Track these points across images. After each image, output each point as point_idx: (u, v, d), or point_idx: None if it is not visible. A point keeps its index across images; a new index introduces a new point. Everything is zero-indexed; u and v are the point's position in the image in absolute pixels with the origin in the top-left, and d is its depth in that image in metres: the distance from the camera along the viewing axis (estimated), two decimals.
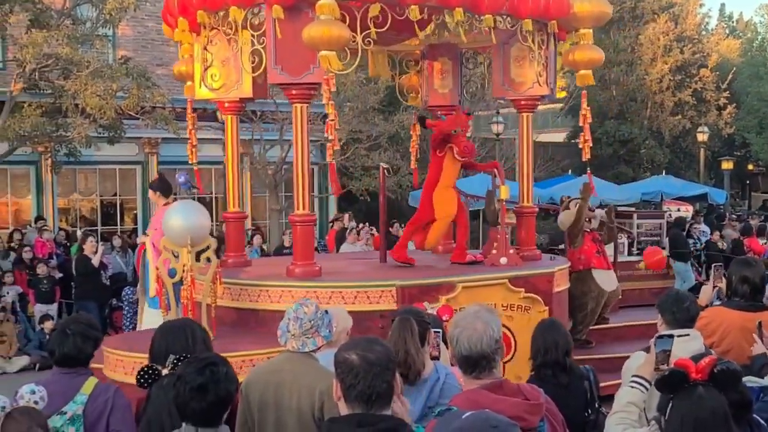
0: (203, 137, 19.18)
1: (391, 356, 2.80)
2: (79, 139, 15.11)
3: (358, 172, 20.42)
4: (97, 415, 3.88)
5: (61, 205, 20.14)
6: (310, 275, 7.23)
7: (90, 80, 14.01)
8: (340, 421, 2.70)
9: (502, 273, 7.73)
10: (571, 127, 31.42)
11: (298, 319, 3.89)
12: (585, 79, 8.06)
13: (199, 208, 6.65)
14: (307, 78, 7.08)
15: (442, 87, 9.62)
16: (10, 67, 15.83)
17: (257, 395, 3.89)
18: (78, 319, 4.20)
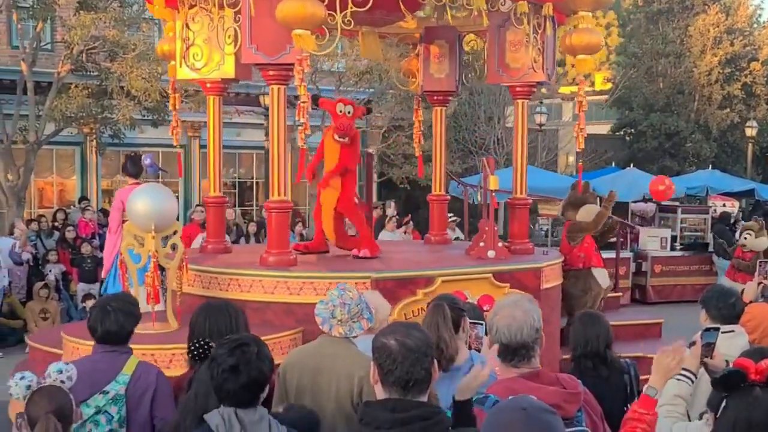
0: (246, 122, 19.42)
1: (430, 343, 2.79)
2: (124, 121, 15.29)
3: (398, 160, 20.37)
4: (139, 396, 3.91)
5: (104, 186, 20.42)
6: (284, 264, 6.88)
7: (136, 63, 14.16)
8: (376, 404, 2.71)
9: (485, 267, 7.35)
10: (615, 119, 31.05)
11: (345, 304, 3.89)
12: (583, 65, 7.68)
13: (166, 192, 6.43)
14: (284, 58, 6.67)
15: (438, 71, 9.24)
16: (58, 48, 16.04)
17: (294, 379, 3.90)
18: (118, 297, 4.23)
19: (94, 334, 4.08)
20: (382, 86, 19.30)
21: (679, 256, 17.14)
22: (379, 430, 2.61)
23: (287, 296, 6.52)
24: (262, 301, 6.56)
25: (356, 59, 18.73)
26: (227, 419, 3.06)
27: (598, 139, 28.99)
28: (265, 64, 6.83)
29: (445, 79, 9.24)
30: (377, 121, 20.11)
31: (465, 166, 22.05)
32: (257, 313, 6.35)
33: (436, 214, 9.81)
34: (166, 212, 6.21)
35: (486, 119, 23.67)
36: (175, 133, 8.23)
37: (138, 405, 3.89)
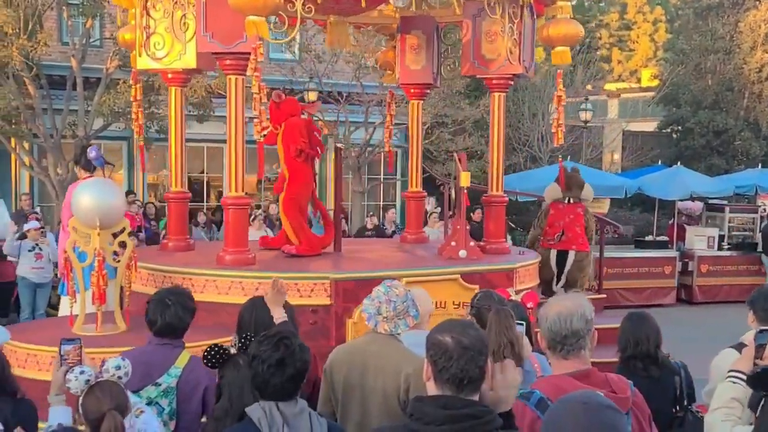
0: None
1: (485, 341, 2.78)
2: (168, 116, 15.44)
3: (441, 157, 20.32)
4: (190, 390, 3.96)
5: (150, 180, 20.70)
6: (241, 263, 6.59)
7: None
8: (427, 400, 2.71)
9: (453, 267, 6.98)
10: (662, 117, 30.58)
11: (391, 301, 3.89)
12: (561, 56, 7.35)
13: (112, 187, 6.16)
14: (240, 47, 6.38)
15: (414, 63, 8.86)
16: (106, 45, 16.29)
17: (341, 375, 3.91)
18: (175, 290, 4.28)
19: (153, 327, 4.15)
20: None
21: (727, 255, 16.84)
22: (430, 425, 2.61)
23: (242, 297, 5.97)
24: (215, 302, 6.24)
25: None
26: (269, 412, 3.09)
27: (644, 137, 28.63)
28: (221, 53, 6.55)
29: (422, 71, 8.86)
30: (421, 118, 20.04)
31: (508, 163, 21.90)
32: (211, 315, 6.08)
33: (412, 212, 9.46)
34: (112, 208, 5.88)
35: (530, 116, 23.49)
36: (138, 126, 7.93)
37: (188, 399, 3.94)
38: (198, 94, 14.80)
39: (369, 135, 19.18)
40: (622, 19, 47.79)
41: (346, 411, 3.90)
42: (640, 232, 21.30)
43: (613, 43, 47.49)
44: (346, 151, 19.35)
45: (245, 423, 3.12)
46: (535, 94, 23.60)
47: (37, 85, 15.04)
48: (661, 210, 20.42)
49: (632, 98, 36.22)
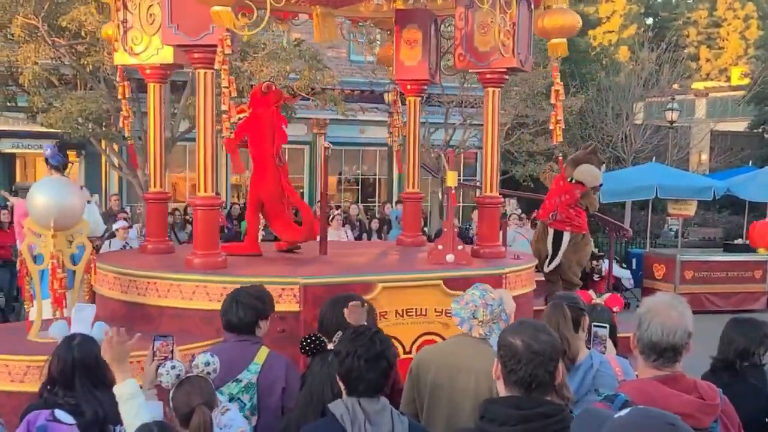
0: (370, 119, 19.64)
1: (557, 346, 2.75)
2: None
3: (522, 158, 20.13)
4: (269, 385, 4.01)
5: (233, 181, 21.12)
6: (211, 267, 6.20)
7: (265, 62, 14.53)
8: (499, 401, 2.70)
9: (435, 273, 6.49)
10: (753, 116, 29.59)
11: (488, 305, 3.85)
12: (557, 49, 6.92)
13: (68, 186, 5.77)
14: (207, 39, 6.03)
15: (409, 58, 8.35)
16: None
17: (429, 376, 3.89)
18: (246, 289, 4.34)
19: (225, 323, 4.23)
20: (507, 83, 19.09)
21: None
22: (503, 426, 2.59)
23: (206, 302, 5.81)
24: (179, 307, 5.91)
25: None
26: (351, 408, 3.12)
27: (734, 137, 27.72)
28: (187, 45, 6.24)
29: (417, 67, 8.35)
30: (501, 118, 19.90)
31: None
32: (174, 320, 5.86)
33: (409, 214, 9.02)
34: (69, 208, 5.53)
35: (614, 116, 23.05)
36: (125, 124, 7.69)
37: (268, 394, 3.99)
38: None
39: (449, 136, 19.13)
40: (711, 16, 46.46)
41: (433, 411, 3.88)
42: (728, 234, 20.62)
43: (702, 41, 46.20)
44: (425, 152, 19.36)
45: (328, 419, 3.16)
46: (620, 94, 23.13)
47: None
48: (751, 212, 19.76)
49: (721, 97, 35.12)
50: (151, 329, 5.64)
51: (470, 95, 18.72)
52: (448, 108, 18.80)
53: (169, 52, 6.76)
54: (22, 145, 18.03)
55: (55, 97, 14.20)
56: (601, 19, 41.10)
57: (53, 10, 12.98)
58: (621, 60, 28.93)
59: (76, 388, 3.67)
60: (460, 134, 19.55)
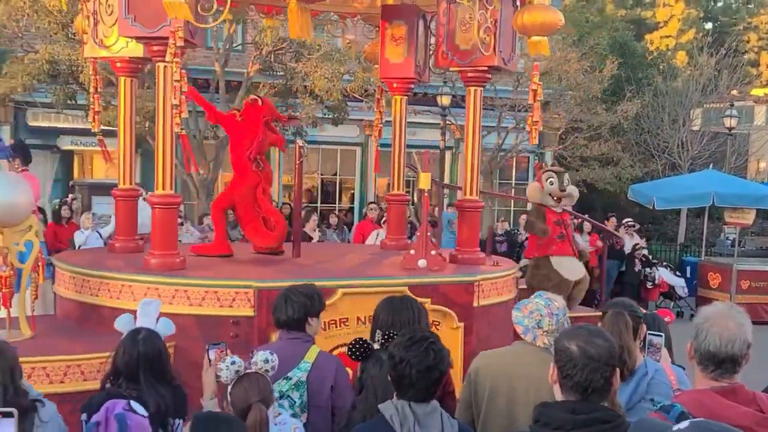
0: (422, 122, 19.61)
1: (613, 352, 2.71)
2: (307, 119, 15.84)
3: (575, 162, 19.91)
4: (319, 383, 4.02)
5: (285, 181, 21.27)
6: (167, 267, 5.96)
7: (320, 63, 14.61)
8: (555, 405, 2.67)
9: (400, 279, 6.21)
10: None
11: (553, 314, 3.80)
12: (537, 47, 6.49)
13: (16, 182, 5.54)
14: (163, 31, 5.74)
15: (394, 56, 7.99)
16: (248, 49, 16.86)
17: (488, 383, 3.86)
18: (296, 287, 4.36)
19: (275, 321, 4.26)
20: (561, 87, 18.92)
21: None
22: (558, 431, 2.57)
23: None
24: (131, 309, 5.63)
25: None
26: (401, 410, 3.13)
27: None
28: (144, 37, 6.02)
29: (403, 65, 8.00)
30: (554, 123, 19.75)
31: (645, 170, 21.23)
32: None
33: (393, 217, 8.71)
34: (14, 204, 5.30)
35: (670, 122, 22.68)
36: (96, 119, 7.43)
37: (318, 392, 4.01)
38: (334, 97, 15.09)
39: (501, 140, 19.01)
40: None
41: (490, 418, 3.85)
42: None
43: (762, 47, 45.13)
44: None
45: (378, 420, 3.18)
46: (677, 100, 22.74)
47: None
48: None
49: None
50: (103, 331, 5.55)
51: (523, 99, 18.57)
52: (501, 111, 18.68)
53: (139, 46, 6.50)
54: (81, 142, 18.40)
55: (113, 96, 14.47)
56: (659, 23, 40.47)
57: None
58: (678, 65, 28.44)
59: (140, 381, 3.74)
60: (513, 138, 19.42)
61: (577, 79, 18.49)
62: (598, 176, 19.72)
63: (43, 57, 13.77)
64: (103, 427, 3.45)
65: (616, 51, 23.14)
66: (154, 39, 5.95)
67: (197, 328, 5.51)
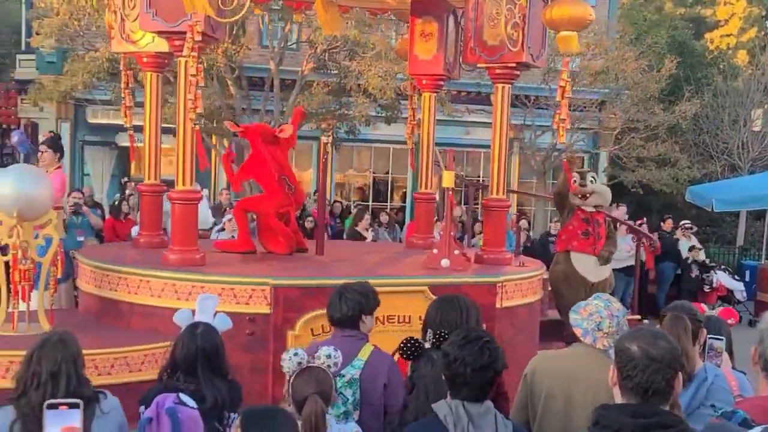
0: (475, 120, 19.52)
1: (676, 354, 2.65)
2: (360, 117, 15.88)
3: (631, 163, 19.60)
4: (372, 381, 4.02)
5: (337, 179, 21.37)
6: (187, 263, 5.98)
7: (373, 61, 14.64)
8: (615, 408, 2.63)
9: (421, 278, 6.15)
10: None
11: (613, 316, 3.74)
12: (567, 42, 6.27)
13: (37, 175, 5.54)
14: (184, 25, 5.70)
15: (423, 52, 7.88)
16: (303, 48, 16.97)
17: (544, 384, 3.83)
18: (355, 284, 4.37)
19: (329, 318, 4.27)
20: (618, 86, 18.64)
21: None
22: None
23: (175, 301, 5.61)
24: (148, 305, 5.75)
25: (591, 58, 18.24)
26: (455, 410, 3.12)
27: None
28: (165, 31, 5.99)
29: (432, 61, 7.87)
30: (610, 123, 19.47)
31: (704, 172, 20.79)
32: (145, 318, 5.73)
33: (421, 215, 8.59)
34: (35, 198, 5.30)
35: (730, 122, 22.18)
36: (128, 114, 7.49)
37: (371, 390, 4.01)
38: (387, 96, 15.10)
39: (555, 140, 18.82)
40: None
41: (546, 420, 3.81)
42: None
43: None
44: (531, 155, 19.11)
45: (431, 419, 3.17)
46: (737, 100, 22.23)
47: (238, 86, 15.90)
48: None
49: None
50: (121, 326, 5.73)
51: (579, 98, 18.36)
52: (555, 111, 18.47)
53: (164, 40, 6.40)
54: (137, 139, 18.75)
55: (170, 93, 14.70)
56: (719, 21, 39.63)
57: None
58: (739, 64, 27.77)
59: (198, 375, 3.80)
60: (568, 137, 19.19)
61: (634, 79, 18.19)
62: (654, 177, 19.38)
63: (103, 55, 14.06)
64: (155, 421, 3.48)
65: (674, 50, 22.71)
66: (175, 33, 5.91)
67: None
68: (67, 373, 3.29)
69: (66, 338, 3.41)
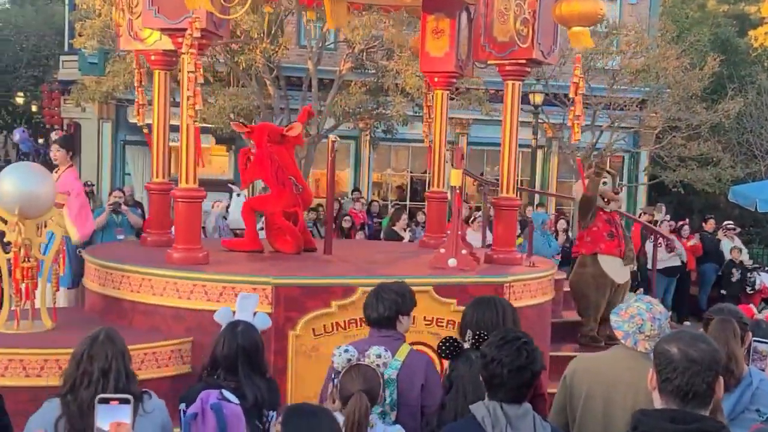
0: None
1: (717, 357, 2.61)
2: (397, 117, 15.87)
3: (672, 163, 19.32)
4: (409, 382, 4.01)
5: (374, 179, 21.37)
6: (191, 262, 5.94)
7: (411, 61, 14.60)
8: (653, 413, 2.58)
9: (425, 278, 6.02)
10: None
11: (655, 319, 3.70)
12: (578, 38, 6.09)
13: (39, 173, 5.52)
14: (186, 22, 5.66)
15: (435, 49, 7.73)
16: (340, 47, 17.01)
17: (584, 386, 3.80)
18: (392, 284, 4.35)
19: (366, 318, 4.27)
20: (659, 85, 18.39)
21: None
22: None
23: (176, 299, 5.62)
24: (150, 303, 5.74)
25: (632, 57, 18.01)
26: (492, 412, 3.10)
27: None
28: (167, 28, 5.94)
29: (444, 59, 7.70)
30: (651, 122, 19.21)
31: (747, 171, 20.42)
32: (146, 317, 5.72)
33: (434, 214, 8.46)
34: (36, 196, 5.29)
35: None
36: (141, 112, 7.45)
37: (408, 390, 3.99)
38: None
39: (595, 138, 18.63)
40: None
41: (585, 423, 3.78)
42: None
43: None
44: (570, 154, 18.91)
45: (469, 420, 3.15)
46: None
47: (276, 86, 15.98)
48: None
49: None
50: (125, 324, 5.65)
51: (619, 96, 18.15)
52: (596, 110, 18.29)
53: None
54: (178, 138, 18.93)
55: (209, 94, 14.82)
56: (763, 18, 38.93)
57: None
58: None
59: (239, 373, 3.82)
60: (607, 137, 18.99)
61: (675, 77, 17.91)
62: (696, 177, 19.09)
63: None
64: (200, 417, 3.51)
65: (717, 47, 22.34)
66: (177, 30, 5.85)
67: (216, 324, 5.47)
68: (117, 370, 3.31)
69: (113, 335, 3.43)
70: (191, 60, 5.63)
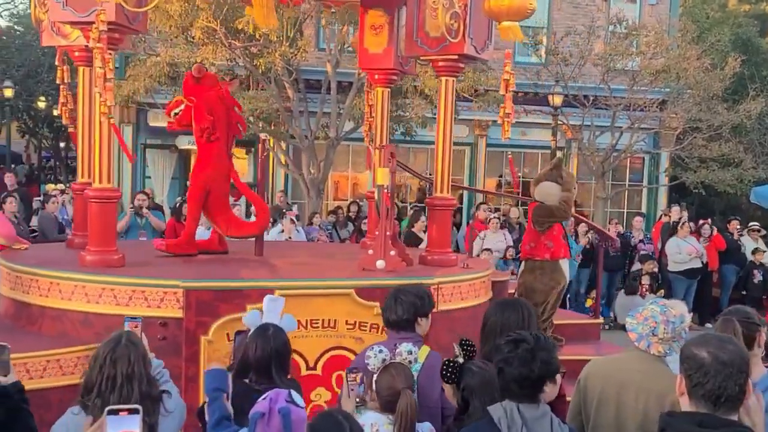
0: (533, 122, 19.34)
1: (745, 358, 2.60)
2: (416, 119, 15.86)
3: (693, 164, 19.18)
4: (430, 384, 4.03)
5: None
6: (105, 264, 5.68)
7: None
8: (682, 416, 2.57)
9: (346, 281, 5.85)
10: None
11: (670, 322, 3.69)
12: (509, 32, 5.94)
13: None
14: (94, 15, 5.38)
15: (374, 46, 7.53)
16: None
17: (597, 389, 3.79)
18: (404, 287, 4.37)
19: (385, 320, 4.28)
20: (680, 86, 18.26)
21: None
22: None
23: (85, 304, 5.37)
24: (59, 308, 5.48)
25: (652, 57, 17.91)
26: (509, 413, 3.10)
27: None
28: (76, 22, 5.70)
29: (382, 55, 7.53)
30: (672, 122, 19.08)
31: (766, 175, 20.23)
32: (55, 322, 5.47)
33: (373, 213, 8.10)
34: None
35: None
36: (63, 111, 7.21)
37: (428, 393, 4.01)
38: None
39: (615, 140, 18.54)
40: None
41: (598, 426, 3.78)
42: None
43: None
44: (589, 156, 18.83)
45: (486, 422, 3.15)
46: None
47: (296, 88, 16.04)
48: None
49: None
50: (34, 330, 5.47)
51: (639, 98, 18.05)
52: (615, 111, 18.20)
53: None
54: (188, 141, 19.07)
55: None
56: None
57: (230, 14, 13.63)
58: None
59: (273, 375, 3.84)
60: (627, 138, 18.89)
61: (696, 78, 17.78)
62: (717, 178, 18.93)
63: (163, 60, 14.33)
64: (266, 417, 3.45)
65: (738, 48, 22.14)
66: (87, 24, 5.58)
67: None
68: (139, 374, 3.32)
69: (133, 338, 3.44)
70: (98, 55, 5.38)
